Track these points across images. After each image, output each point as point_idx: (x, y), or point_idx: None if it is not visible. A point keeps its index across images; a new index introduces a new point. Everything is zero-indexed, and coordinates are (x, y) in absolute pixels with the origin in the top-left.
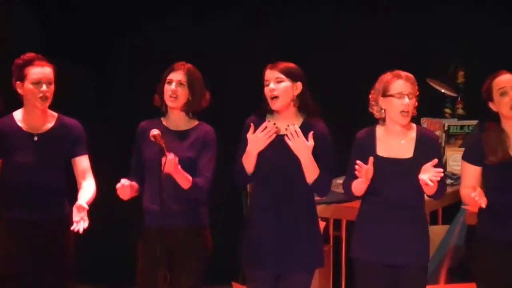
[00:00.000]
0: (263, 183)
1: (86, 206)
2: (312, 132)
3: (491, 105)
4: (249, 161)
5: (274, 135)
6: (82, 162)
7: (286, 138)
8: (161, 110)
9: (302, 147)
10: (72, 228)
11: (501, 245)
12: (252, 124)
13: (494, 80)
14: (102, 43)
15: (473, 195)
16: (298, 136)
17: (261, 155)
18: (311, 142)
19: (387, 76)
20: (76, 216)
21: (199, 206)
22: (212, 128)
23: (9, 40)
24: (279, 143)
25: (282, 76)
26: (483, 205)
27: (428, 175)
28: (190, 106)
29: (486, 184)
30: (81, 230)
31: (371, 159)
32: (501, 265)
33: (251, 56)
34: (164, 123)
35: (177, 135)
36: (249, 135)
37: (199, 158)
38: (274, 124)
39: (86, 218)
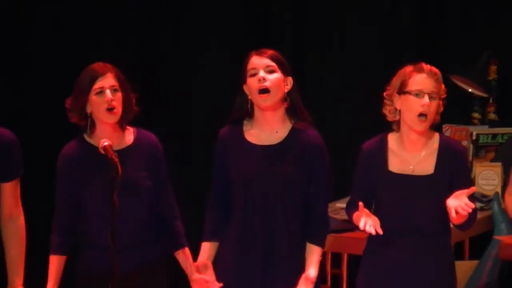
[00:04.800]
0: (243, 207)
1: None
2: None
3: None
4: None
5: None
6: (10, 190)
7: None
8: (82, 128)
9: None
10: None
11: None
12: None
13: None
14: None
15: None
16: None
17: (237, 167)
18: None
19: (407, 68)
20: None
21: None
22: (155, 135)
23: None
24: (261, 153)
25: (274, 65)
26: None
27: (458, 204)
28: (125, 117)
29: None
30: None
31: (361, 205)
32: None
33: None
34: (90, 141)
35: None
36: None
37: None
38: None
39: None
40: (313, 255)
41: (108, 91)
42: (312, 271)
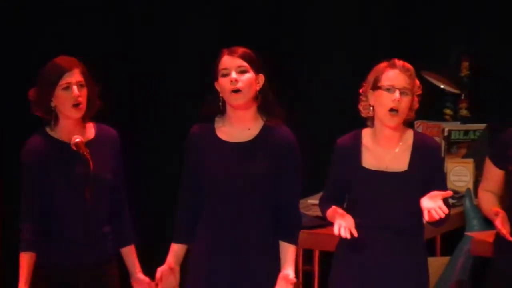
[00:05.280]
0: (214, 205)
1: None
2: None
3: None
4: None
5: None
6: None
7: None
8: (45, 122)
9: None
10: None
11: None
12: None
13: None
14: None
15: (497, 225)
16: None
17: (209, 165)
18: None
19: (382, 64)
20: None
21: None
22: (115, 130)
23: None
24: (232, 150)
25: (246, 64)
26: (509, 237)
27: (432, 206)
28: (89, 111)
29: (508, 201)
30: None
31: (334, 208)
32: None
33: None
34: (53, 135)
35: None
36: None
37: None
38: None
39: None
40: (288, 254)
41: (75, 87)
42: (290, 271)
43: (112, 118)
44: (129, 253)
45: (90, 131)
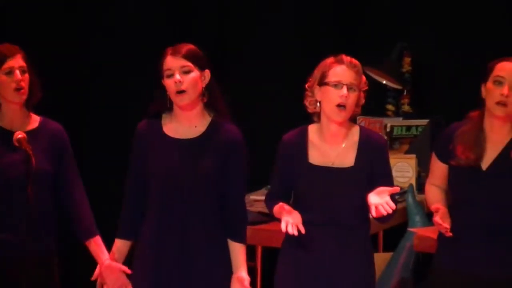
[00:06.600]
0: (159, 202)
1: None
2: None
3: (482, 88)
4: None
5: None
6: None
7: None
8: None
9: None
10: None
11: (466, 278)
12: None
13: (500, 62)
14: None
15: (436, 221)
16: None
17: (155, 161)
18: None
19: (328, 60)
20: None
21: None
22: (61, 125)
23: None
24: (179, 147)
25: (189, 64)
26: (448, 233)
27: (380, 202)
28: (31, 99)
29: (452, 197)
30: None
31: (281, 205)
32: None
33: None
34: None
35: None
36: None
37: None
38: None
39: None
40: (239, 254)
41: (17, 71)
42: (244, 273)
43: (59, 115)
44: (95, 245)
45: (34, 122)
